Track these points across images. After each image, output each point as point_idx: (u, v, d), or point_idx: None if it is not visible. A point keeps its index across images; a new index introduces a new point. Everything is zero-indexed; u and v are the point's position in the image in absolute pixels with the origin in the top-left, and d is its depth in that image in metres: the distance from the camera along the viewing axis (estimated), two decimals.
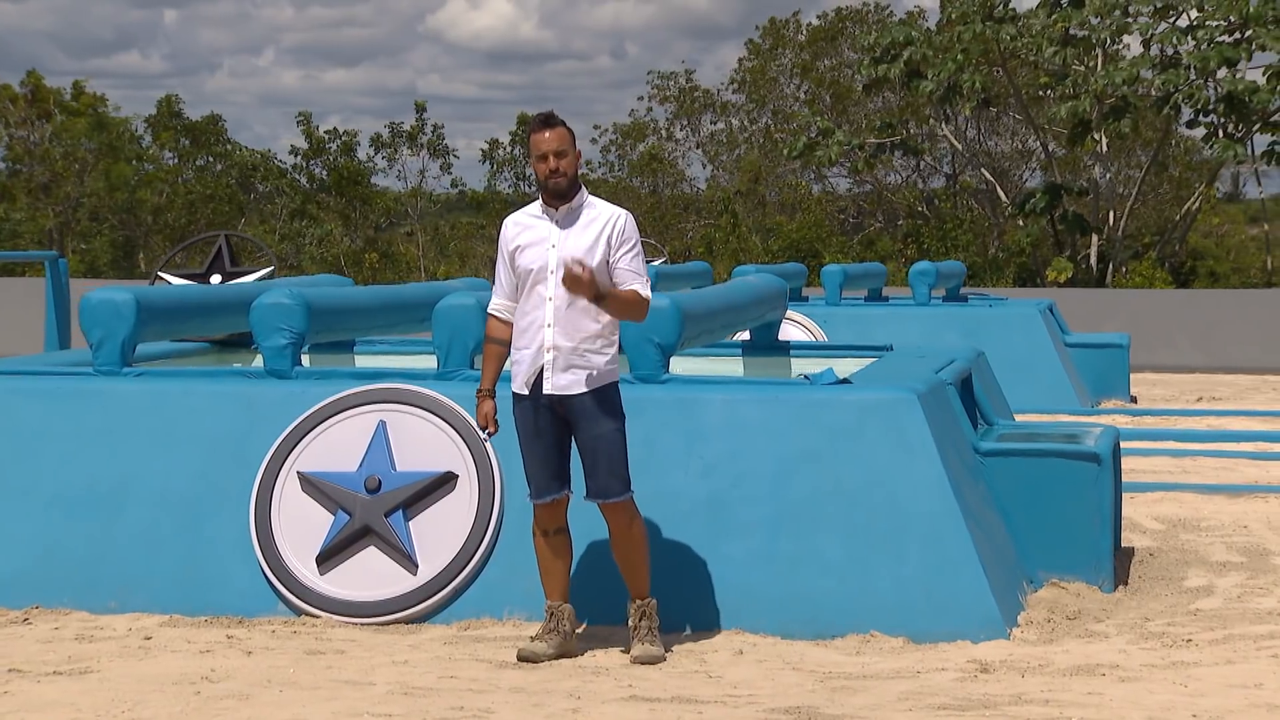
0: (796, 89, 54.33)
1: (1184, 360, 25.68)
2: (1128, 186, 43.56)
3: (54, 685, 6.95)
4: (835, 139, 38.72)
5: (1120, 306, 27.60)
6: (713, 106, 56.53)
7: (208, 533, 8.45)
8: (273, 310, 8.81)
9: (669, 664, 7.37)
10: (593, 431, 7.31)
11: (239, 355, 11.27)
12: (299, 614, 8.21)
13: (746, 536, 8.06)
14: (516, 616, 8.07)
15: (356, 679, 7.08)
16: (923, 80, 37.24)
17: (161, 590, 8.36)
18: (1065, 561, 8.80)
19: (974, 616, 7.78)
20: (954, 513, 7.95)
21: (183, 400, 8.72)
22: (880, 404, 8.19)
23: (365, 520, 8.24)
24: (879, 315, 18.94)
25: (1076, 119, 35.01)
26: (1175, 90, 34.57)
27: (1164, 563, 9.63)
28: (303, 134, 51.40)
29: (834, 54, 53.75)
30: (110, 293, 9.01)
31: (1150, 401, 19.57)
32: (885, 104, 48.79)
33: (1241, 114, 35.19)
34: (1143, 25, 35.84)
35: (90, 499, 8.59)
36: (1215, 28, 35.25)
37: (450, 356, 8.72)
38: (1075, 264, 36.64)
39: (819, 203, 47.36)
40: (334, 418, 8.48)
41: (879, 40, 37.67)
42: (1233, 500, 11.76)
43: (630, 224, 7.44)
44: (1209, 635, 7.81)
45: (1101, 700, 6.65)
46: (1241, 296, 29.60)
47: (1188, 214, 40.14)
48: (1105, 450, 8.87)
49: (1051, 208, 36.97)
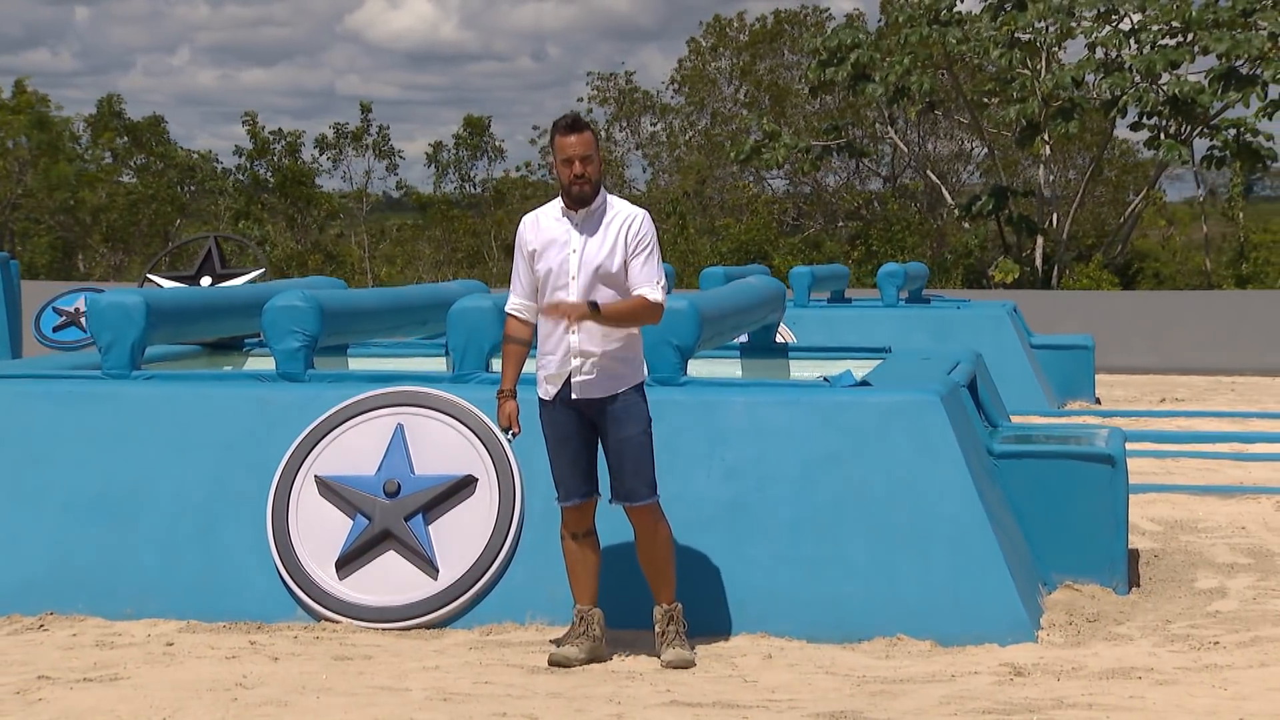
0: (736, 90, 54.41)
1: (1137, 362, 25.84)
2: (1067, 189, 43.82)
3: (88, 692, 6.86)
4: (782, 141, 38.77)
5: (1072, 308, 27.78)
6: (652, 108, 56.56)
7: (224, 538, 8.37)
8: (285, 313, 8.73)
9: (701, 668, 7.34)
10: (619, 434, 7.28)
11: (230, 358, 11.17)
12: (318, 619, 8.13)
13: (771, 540, 8.04)
14: (539, 621, 8.03)
15: (391, 685, 7.02)
16: (869, 83, 37.32)
17: (178, 596, 8.27)
18: (1079, 564, 8.80)
19: (1001, 619, 7.78)
20: (979, 515, 7.95)
21: (196, 404, 8.63)
22: (904, 406, 8.18)
23: (385, 524, 8.17)
24: (848, 317, 18.97)
25: (1026, 121, 35.16)
26: (1123, 93, 34.79)
27: (1171, 564, 9.66)
28: (248, 134, 51.11)
29: (773, 56, 53.89)
30: (120, 295, 8.91)
31: (1113, 403, 19.67)
32: (825, 106, 48.92)
33: (1186, 116, 35.45)
34: (1086, 29, 36.05)
35: (104, 504, 8.49)
36: (1157, 31, 35.49)
37: (466, 359, 8.66)
38: (1021, 266, 36.82)
39: (765, 205, 47.40)
40: (351, 421, 8.41)
41: (827, 43, 37.71)
42: (1225, 501, 11.83)
43: (646, 224, 7.38)
44: (1235, 638, 7.83)
45: (1144, 704, 6.65)
46: (1190, 298, 29.82)
47: (1131, 216, 40.39)
48: (1118, 452, 8.89)
49: (998, 210, 37.15)
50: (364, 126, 51.15)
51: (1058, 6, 35.53)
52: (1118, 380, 23.35)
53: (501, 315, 8.66)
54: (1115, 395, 20.79)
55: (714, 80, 54.69)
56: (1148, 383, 23.47)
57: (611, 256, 7.25)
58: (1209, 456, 14.21)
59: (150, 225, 50.97)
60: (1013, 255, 37.61)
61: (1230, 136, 35.77)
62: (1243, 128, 35.80)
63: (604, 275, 7.23)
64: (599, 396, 7.26)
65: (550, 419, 7.37)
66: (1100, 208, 47.49)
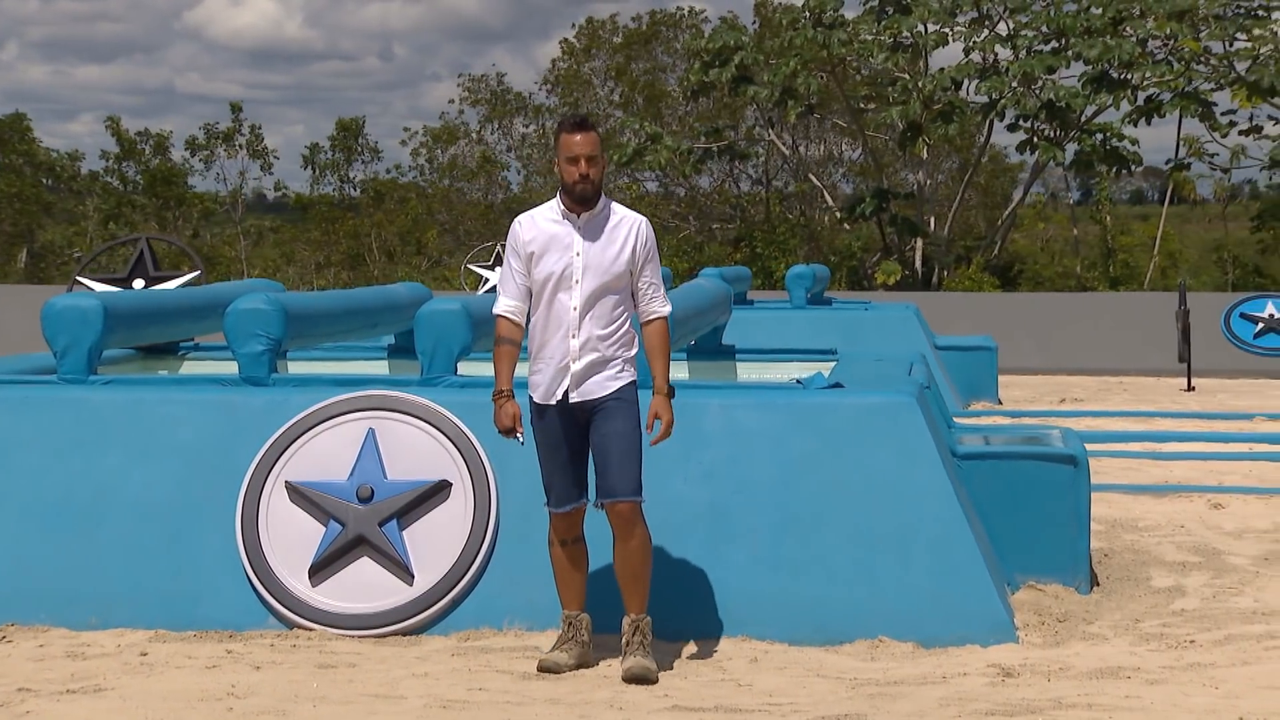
0: (610, 91, 54.40)
1: (1024, 363, 26.13)
2: (936, 193, 44.25)
3: (75, 705, 6.71)
4: (664, 144, 38.79)
5: (958, 310, 28.04)
6: (525, 109, 56.43)
7: (191, 545, 8.21)
8: (249, 316, 8.59)
9: (695, 672, 7.30)
10: (607, 428, 7.17)
11: (166, 362, 11.00)
12: (291, 627, 8.00)
13: (750, 542, 8.02)
14: (517, 626, 7.95)
15: (384, 693, 6.93)
16: (751, 85, 37.46)
17: (145, 605, 8.10)
18: (1042, 564, 8.85)
19: (983, 621, 7.81)
20: (958, 517, 7.99)
21: (160, 409, 8.47)
22: (880, 408, 8.20)
23: (359, 530, 8.06)
24: (760, 318, 19.00)
25: (908, 123, 35.47)
26: (1001, 97, 35.20)
27: (1123, 563, 9.77)
28: (111, 135, 50.37)
29: (647, 57, 53.93)
30: (76, 299, 8.72)
31: (1015, 403, 19.87)
32: (698, 109, 49.03)
33: (1062, 120, 35.93)
34: (963, 33, 36.45)
35: (66, 512, 8.31)
36: (1032, 36, 35.95)
37: (435, 362, 8.57)
38: (903, 268, 37.14)
39: (649, 207, 47.41)
40: (321, 426, 8.29)
41: (710, 44, 37.79)
42: (1159, 500, 11.98)
43: (651, 232, 7.36)
44: (1208, 636, 7.92)
45: (1142, 704, 6.70)
46: (1071, 300, 30.17)
47: (1009, 219, 40.87)
48: (1080, 452, 8.97)
49: (880, 212, 37.44)
50: (235, 126, 50.60)
51: (938, 11, 35.88)
52: (1011, 381, 23.57)
53: (470, 317, 8.61)
54: (1014, 395, 21.01)
55: (588, 81, 54.64)
56: (1040, 383, 23.74)
57: (616, 262, 7.17)
58: (1128, 456, 14.39)
59: (14, 225, 50.00)
60: (895, 257, 37.90)
61: (1098, 141, 36.29)
62: (1109, 132, 36.33)
63: (608, 280, 7.15)
64: (595, 397, 7.19)
65: (543, 424, 7.29)
66: (969, 210, 48.00)
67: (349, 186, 50.77)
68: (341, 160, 51.08)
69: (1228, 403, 20.64)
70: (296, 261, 46.27)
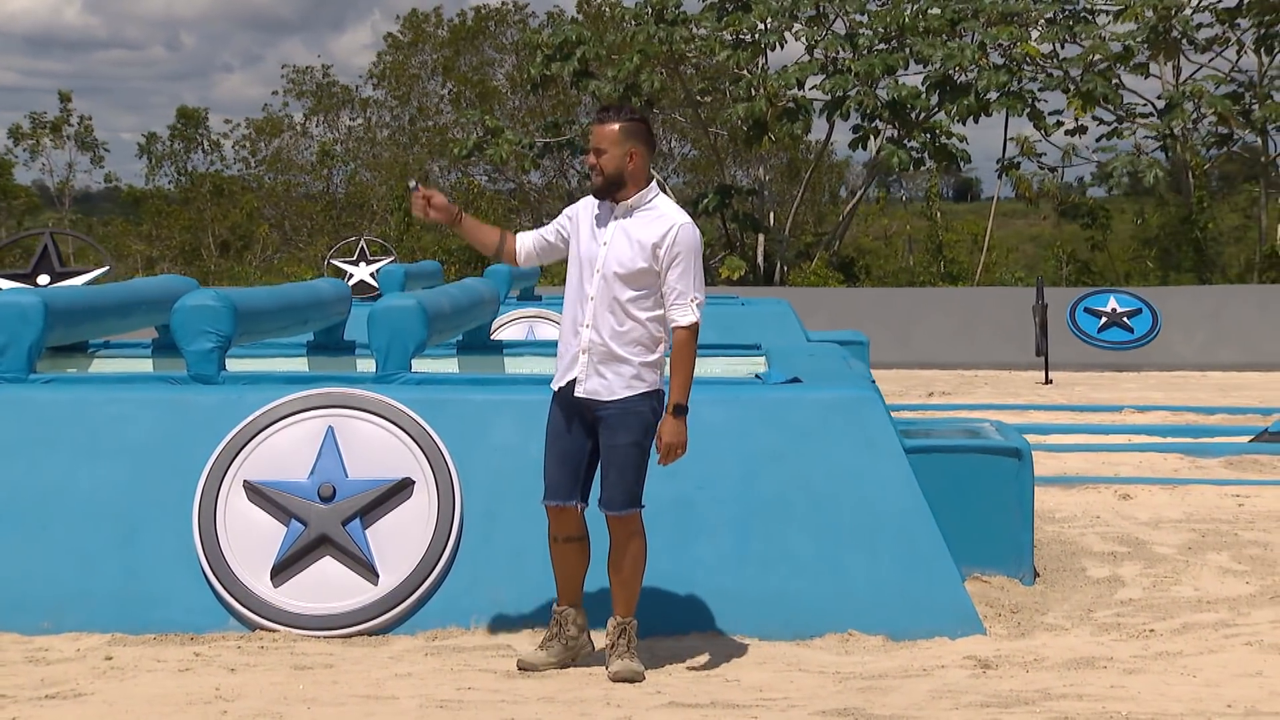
0: (440, 85, 54.14)
1: (879, 358, 26.34)
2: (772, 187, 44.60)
3: (57, 710, 6.53)
4: (505, 138, 38.63)
5: (805, 305, 28.22)
6: (351, 102, 55.99)
7: (145, 547, 8.02)
8: (198, 312, 8.43)
9: (677, 669, 7.29)
10: (609, 441, 7.12)
11: (75, 360, 10.73)
12: (254, 629, 7.85)
13: (716, 538, 8.02)
14: (483, 625, 7.88)
15: (374, 694, 6.83)
16: (593, 79, 37.46)
17: (99, 608, 7.89)
18: (987, 555, 8.95)
19: (950, 613, 7.88)
20: (923, 510, 8.05)
21: (106, 408, 8.27)
22: (843, 402, 8.25)
23: (321, 530, 7.93)
24: None
25: (754, 120, 35.67)
26: (845, 96, 35.53)
27: (1053, 554, 9.91)
28: None
29: (475, 52, 53.77)
30: (15, 295, 8.50)
31: (888, 397, 20.02)
32: (529, 104, 48.96)
33: (904, 120, 36.38)
34: (804, 31, 36.74)
35: (11, 514, 8.07)
36: (872, 36, 36.34)
37: (390, 359, 8.47)
38: (746, 263, 37.38)
39: (491, 202, 47.23)
40: (278, 424, 8.15)
41: (552, 39, 37.71)
42: (1068, 492, 12.19)
43: (684, 235, 7.09)
44: (1165, 625, 8.07)
45: (1129, 693, 6.80)
46: (922, 294, 30.58)
47: (848, 214, 41.29)
48: (1024, 445, 9.09)
49: (723, 207, 37.62)
50: (64, 117, 49.53)
51: (778, 10, 36.13)
52: (874, 375, 23.75)
53: (425, 314, 8.54)
54: (885, 389, 21.13)
55: (417, 75, 54.33)
56: (900, 377, 24.03)
57: (636, 258, 7.08)
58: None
59: None
60: (738, 252, 38.12)
61: (928, 139, 36.80)
62: (939, 130, 36.84)
63: (626, 275, 7.07)
64: (601, 399, 7.12)
65: (555, 412, 7.22)
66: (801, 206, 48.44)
67: (185, 179, 49.88)
68: (181, 151, 50.19)
69: (1088, 395, 21.05)
70: (127, 256, 45.36)
